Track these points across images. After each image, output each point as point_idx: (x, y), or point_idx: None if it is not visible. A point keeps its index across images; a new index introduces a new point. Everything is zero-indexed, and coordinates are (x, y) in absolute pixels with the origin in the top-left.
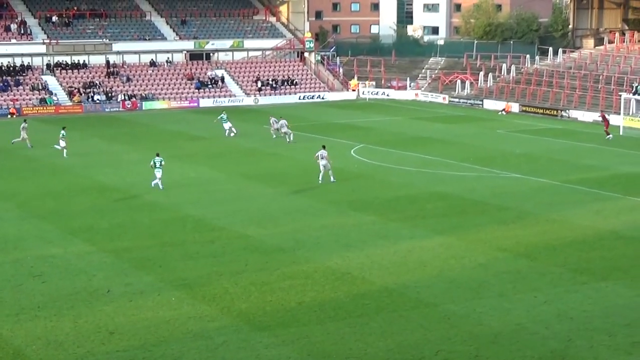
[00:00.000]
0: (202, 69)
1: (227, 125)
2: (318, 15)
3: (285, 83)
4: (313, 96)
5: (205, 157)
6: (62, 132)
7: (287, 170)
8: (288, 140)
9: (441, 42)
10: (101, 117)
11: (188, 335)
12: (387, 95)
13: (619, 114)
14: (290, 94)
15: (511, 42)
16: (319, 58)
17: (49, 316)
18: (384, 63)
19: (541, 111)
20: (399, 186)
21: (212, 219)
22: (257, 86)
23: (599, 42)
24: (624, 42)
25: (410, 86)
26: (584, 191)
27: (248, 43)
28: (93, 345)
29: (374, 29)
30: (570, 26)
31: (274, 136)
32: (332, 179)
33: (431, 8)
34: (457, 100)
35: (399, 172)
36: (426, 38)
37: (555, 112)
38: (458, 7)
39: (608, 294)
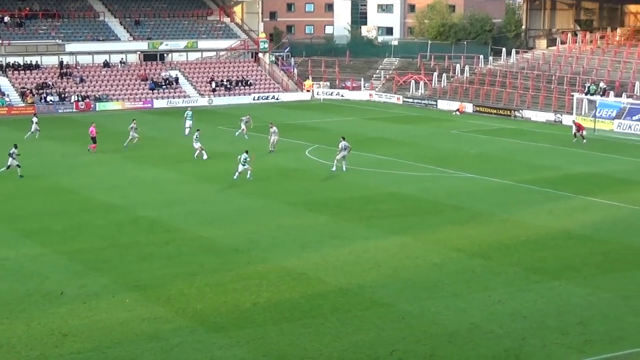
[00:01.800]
0: (156, 70)
1: (188, 123)
2: (272, 15)
3: (240, 84)
4: (267, 97)
5: (159, 158)
6: (197, 134)
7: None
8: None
9: (395, 43)
10: (54, 119)
11: (142, 336)
12: (342, 95)
13: (572, 114)
14: (244, 94)
15: (465, 42)
16: (273, 59)
17: (1, 319)
18: (338, 63)
19: (495, 111)
20: (354, 186)
21: (167, 220)
22: (211, 87)
23: (552, 42)
24: (576, 42)
25: (364, 86)
26: (537, 191)
27: (202, 44)
28: (46, 348)
29: (329, 30)
30: (523, 27)
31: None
32: (344, 168)
33: (385, 9)
34: (411, 100)
35: (354, 173)
36: (380, 38)
37: (508, 112)
38: (412, 7)
39: (561, 293)
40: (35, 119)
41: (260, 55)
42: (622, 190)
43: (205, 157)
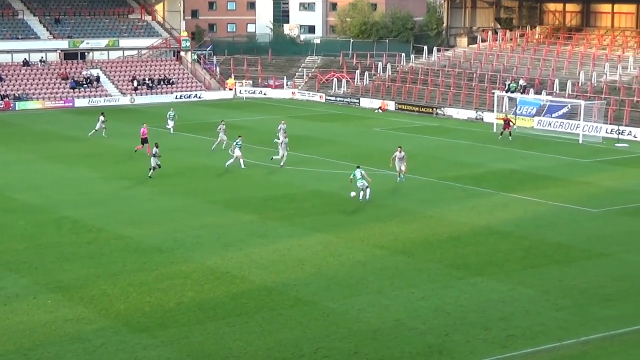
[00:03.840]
0: (77, 69)
1: (170, 123)
2: (194, 14)
3: (162, 82)
4: (190, 95)
5: (81, 157)
6: (239, 141)
7: (163, 170)
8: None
9: (317, 41)
10: None
11: (65, 338)
12: (264, 94)
13: (493, 111)
14: (166, 93)
15: (387, 40)
16: (196, 57)
17: None
18: (260, 62)
19: (417, 109)
20: (277, 185)
21: (89, 220)
22: (133, 86)
23: (473, 40)
24: (496, 40)
25: (287, 85)
26: (459, 188)
27: (123, 42)
28: None
29: (251, 28)
30: (445, 25)
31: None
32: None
33: (307, 7)
34: (333, 98)
35: (277, 171)
36: (302, 37)
37: (430, 110)
38: (334, 6)
39: (483, 289)
40: (102, 117)
41: (182, 53)
42: (542, 186)
43: (242, 165)
